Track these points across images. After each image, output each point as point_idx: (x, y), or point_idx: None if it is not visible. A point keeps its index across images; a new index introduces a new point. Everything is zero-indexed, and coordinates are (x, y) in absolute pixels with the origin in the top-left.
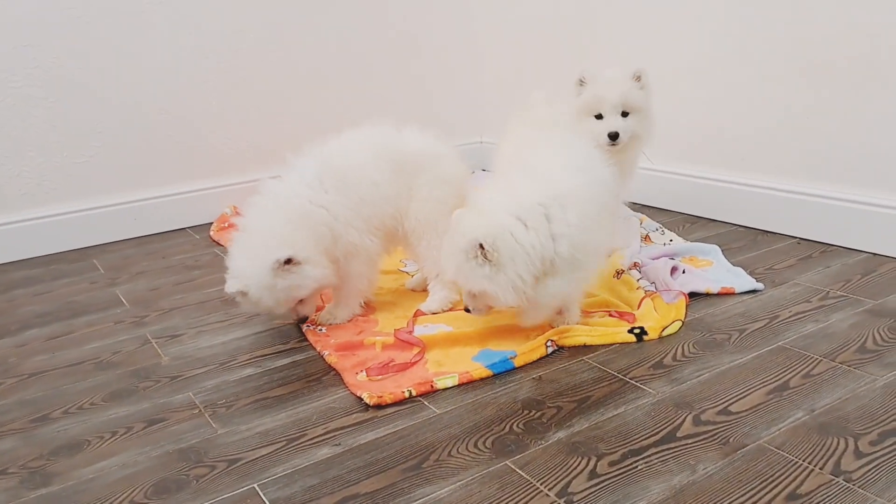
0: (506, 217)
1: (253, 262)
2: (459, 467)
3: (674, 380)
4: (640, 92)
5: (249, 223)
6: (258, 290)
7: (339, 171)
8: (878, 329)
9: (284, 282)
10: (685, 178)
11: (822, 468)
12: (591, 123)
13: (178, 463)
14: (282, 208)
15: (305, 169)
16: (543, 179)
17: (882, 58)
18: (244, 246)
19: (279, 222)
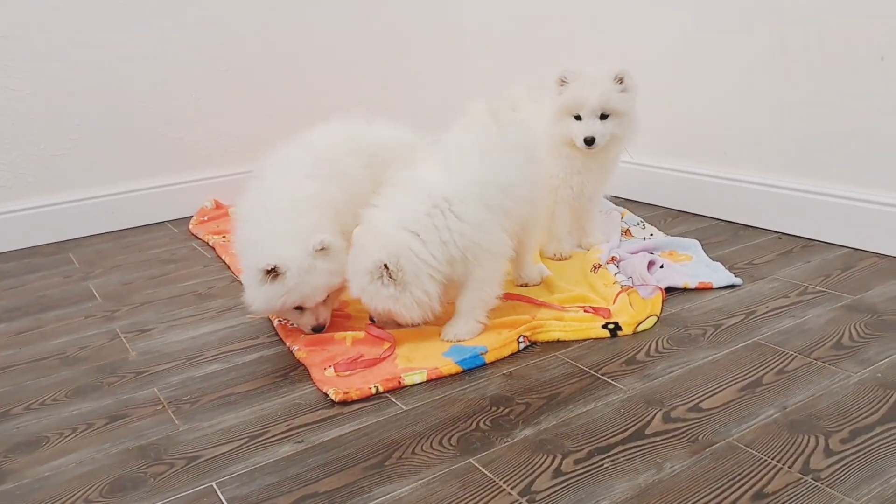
0: (402, 233)
1: (292, 244)
2: (422, 465)
3: (646, 376)
4: (620, 95)
5: (263, 211)
6: (297, 274)
7: (332, 164)
8: (856, 325)
9: (325, 264)
10: (667, 172)
11: (791, 467)
12: (570, 124)
13: (137, 460)
14: (298, 198)
15: (301, 161)
16: (425, 186)
17: (861, 52)
18: (267, 231)
19: (302, 210)
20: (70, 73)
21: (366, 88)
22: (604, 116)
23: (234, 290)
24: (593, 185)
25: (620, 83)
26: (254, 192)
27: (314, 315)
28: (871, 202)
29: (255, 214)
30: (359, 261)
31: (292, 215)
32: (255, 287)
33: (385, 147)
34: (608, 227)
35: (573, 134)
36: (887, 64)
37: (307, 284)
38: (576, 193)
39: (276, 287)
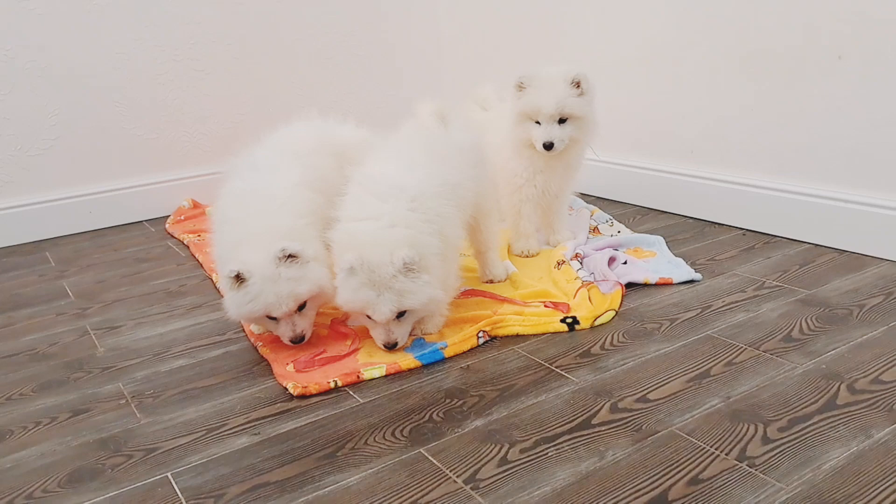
0: (397, 230)
1: (258, 250)
2: (373, 455)
3: (598, 368)
4: (577, 99)
5: (239, 215)
6: (260, 282)
7: (306, 165)
8: (807, 318)
9: (288, 272)
10: (637, 171)
11: (728, 454)
12: (530, 128)
13: (97, 452)
14: (283, 201)
15: (275, 163)
16: (395, 185)
17: (820, 52)
18: (240, 236)
19: (284, 215)
20: (46, 73)
21: (338, 88)
22: (562, 120)
23: (204, 288)
24: (557, 184)
25: (577, 87)
26: (229, 194)
27: (290, 325)
28: (831, 199)
29: (229, 218)
30: (375, 272)
31: (265, 219)
32: (227, 293)
33: (353, 147)
34: (577, 224)
35: (533, 138)
36: (844, 63)
37: (270, 293)
38: (540, 192)
39: (241, 294)
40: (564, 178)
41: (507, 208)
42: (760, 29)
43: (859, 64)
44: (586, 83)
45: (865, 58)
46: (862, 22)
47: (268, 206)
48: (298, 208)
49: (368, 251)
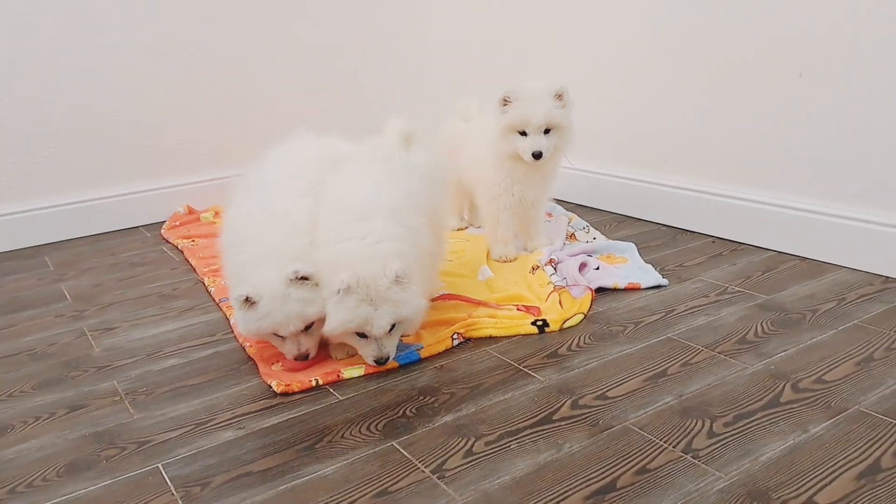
0: (383, 244)
1: (269, 271)
2: (349, 448)
3: (563, 368)
4: (561, 111)
5: (249, 235)
6: (270, 302)
7: (316, 182)
8: (763, 322)
9: (299, 293)
10: (614, 179)
11: (676, 446)
12: (516, 140)
13: (92, 445)
14: (291, 219)
15: (287, 180)
16: (368, 203)
17: (783, 69)
18: (251, 256)
19: (294, 234)
20: (46, 83)
21: (330, 99)
22: (547, 131)
23: (196, 292)
24: (534, 193)
25: (560, 99)
26: (237, 214)
27: (296, 343)
28: (794, 208)
29: (239, 239)
30: (375, 285)
31: (278, 238)
32: (237, 310)
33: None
34: (554, 231)
35: (520, 149)
36: (805, 80)
37: (279, 313)
38: (517, 200)
39: (250, 313)
40: (541, 187)
41: (485, 215)
42: (728, 48)
43: (819, 82)
44: (567, 96)
45: (824, 76)
46: (820, 43)
47: (277, 225)
48: (306, 226)
49: (362, 268)
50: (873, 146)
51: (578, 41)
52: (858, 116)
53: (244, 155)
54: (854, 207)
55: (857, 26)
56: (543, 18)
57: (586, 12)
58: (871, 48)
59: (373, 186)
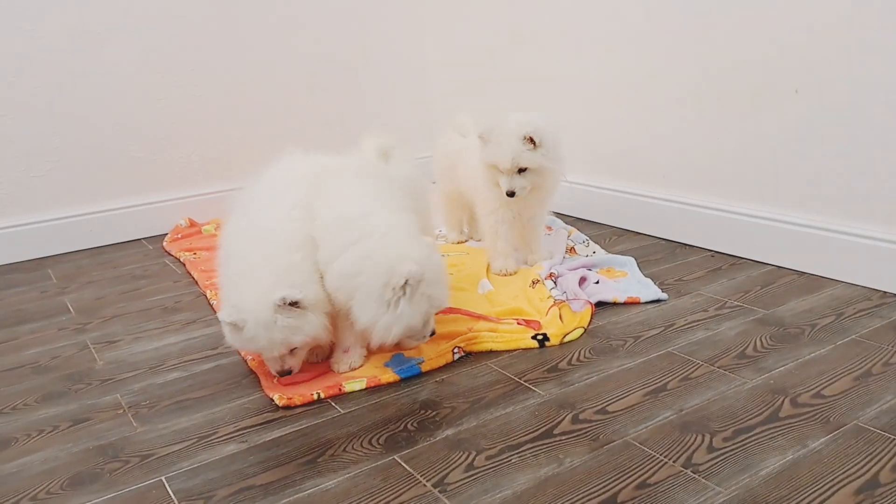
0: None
1: (256, 295)
2: (351, 462)
3: (564, 382)
4: (531, 154)
5: (240, 250)
6: (254, 327)
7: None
8: (762, 337)
9: (286, 320)
10: (613, 193)
11: (676, 461)
12: (496, 174)
13: (96, 458)
14: (280, 240)
15: (284, 200)
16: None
17: (779, 84)
18: (240, 271)
19: (282, 254)
20: (48, 97)
21: (328, 113)
22: (522, 169)
23: (199, 305)
24: (532, 210)
25: (530, 143)
26: (230, 231)
27: (279, 361)
28: (792, 223)
29: (231, 254)
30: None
31: (262, 254)
32: (224, 329)
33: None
34: (554, 244)
35: (500, 183)
36: (801, 96)
37: (263, 338)
38: (514, 215)
39: (236, 335)
40: (538, 204)
41: (485, 229)
42: (726, 64)
43: (816, 97)
44: (541, 137)
45: (821, 91)
46: (816, 59)
47: (262, 240)
48: (294, 243)
49: (416, 254)
50: (871, 161)
51: (576, 56)
52: (856, 131)
53: (245, 168)
54: (852, 222)
55: (853, 41)
56: (542, 35)
57: (584, 27)
58: (867, 63)
59: (359, 199)
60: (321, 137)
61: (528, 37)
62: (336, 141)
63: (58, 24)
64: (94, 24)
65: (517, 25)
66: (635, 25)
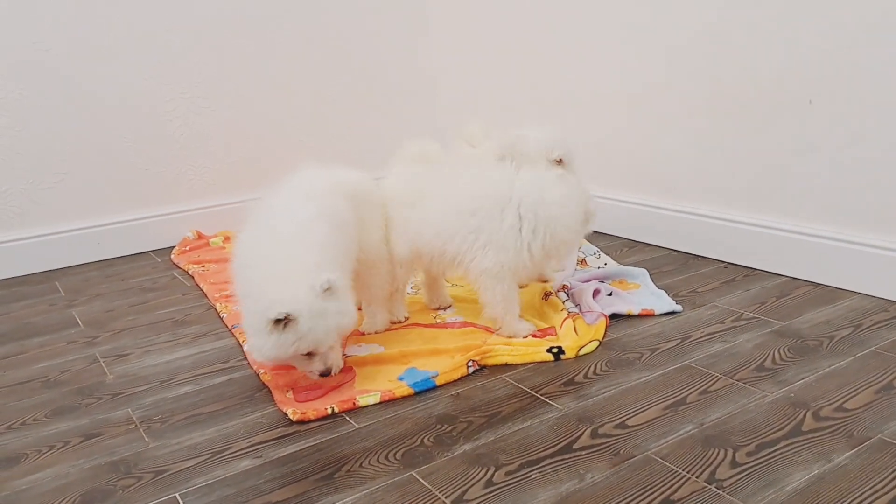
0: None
1: (299, 287)
2: (368, 477)
3: (581, 396)
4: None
5: (262, 255)
6: (309, 318)
7: (331, 210)
8: (780, 349)
9: (335, 305)
10: (625, 205)
11: (699, 477)
12: None
13: (108, 474)
14: (302, 241)
15: (301, 207)
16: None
17: (792, 96)
18: (271, 276)
19: (306, 253)
20: (57, 110)
21: (336, 124)
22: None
23: (209, 318)
24: None
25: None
26: (247, 241)
27: (322, 360)
28: (805, 234)
29: (251, 262)
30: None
31: (296, 258)
32: (263, 336)
33: (364, 190)
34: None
35: None
36: (815, 106)
37: (320, 328)
38: None
39: (287, 335)
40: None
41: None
42: (738, 74)
43: (829, 107)
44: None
45: (835, 102)
46: (829, 70)
47: (286, 244)
48: (319, 241)
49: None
50: (886, 172)
51: (587, 66)
52: (871, 142)
53: (252, 180)
54: (867, 233)
55: (867, 52)
56: (551, 45)
57: (595, 38)
58: (882, 73)
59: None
60: (330, 150)
61: (538, 47)
62: (341, 153)
63: (67, 38)
64: (103, 37)
65: (526, 36)
66: (647, 36)
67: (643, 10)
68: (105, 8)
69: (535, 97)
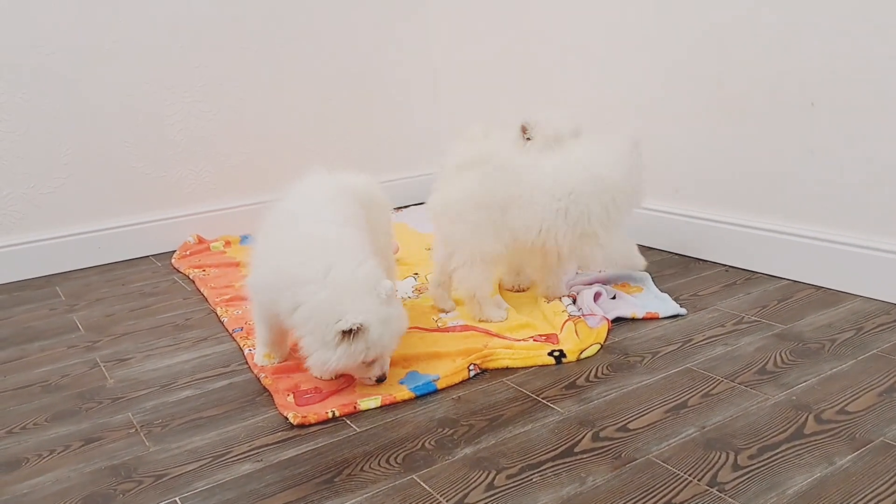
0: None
1: (362, 297)
2: (369, 481)
3: (582, 399)
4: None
5: (320, 265)
6: (379, 326)
7: (348, 214)
8: (782, 352)
9: (396, 310)
10: None
11: (701, 480)
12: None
13: (109, 478)
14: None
15: (326, 212)
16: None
17: (793, 99)
18: (335, 286)
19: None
20: (58, 114)
21: (338, 128)
22: None
23: (209, 322)
24: None
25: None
26: (292, 250)
27: (381, 365)
28: (807, 237)
29: (306, 271)
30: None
31: (350, 267)
32: (330, 349)
33: (371, 195)
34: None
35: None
36: (817, 109)
37: (386, 334)
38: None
39: (357, 344)
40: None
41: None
42: (738, 78)
43: (831, 110)
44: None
45: (836, 105)
46: (831, 73)
47: (337, 250)
48: (360, 247)
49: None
50: (888, 174)
51: (588, 70)
52: (872, 144)
53: (253, 184)
54: (870, 236)
55: (869, 53)
56: (551, 49)
57: (595, 42)
58: (884, 75)
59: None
60: (331, 153)
61: (538, 51)
62: (345, 156)
63: (67, 41)
64: (103, 40)
65: (526, 40)
66: (648, 38)
67: (645, 14)
68: (105, 12)
69: (533, 101)
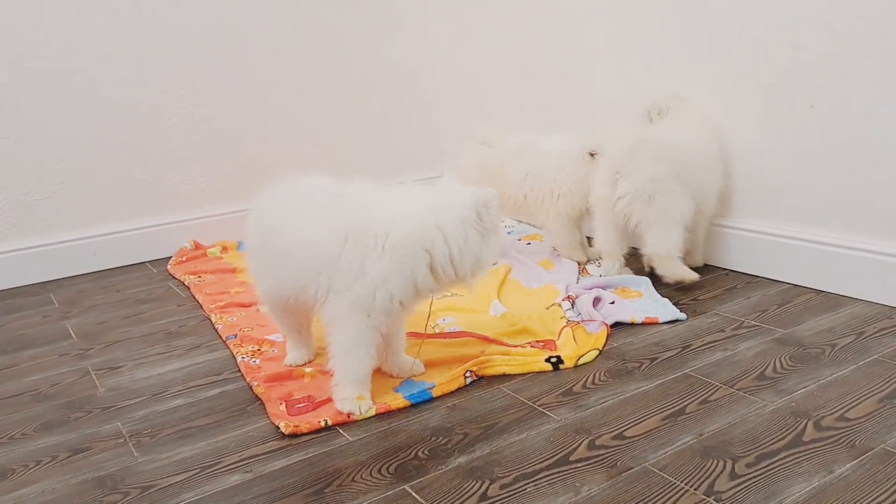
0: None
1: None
2: (360, 492)
3: (579, 406)
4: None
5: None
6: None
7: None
8: (781, 357)
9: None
10: None
11: (697, 489)
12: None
13: (95, 490)
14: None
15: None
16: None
17: (793, 101)
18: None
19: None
20: (54, 119)
21: (336, 134)
22: None
23: (203, 329)
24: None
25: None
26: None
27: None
28: (807, 241)
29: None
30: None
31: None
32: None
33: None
34: (564, 266)
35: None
36: (817, 110)
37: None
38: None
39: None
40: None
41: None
42: (737, 80)
43: (831, 112)
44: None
45: (836, 107)
46: (831, 74)
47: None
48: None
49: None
50: (888, 177)
51: (587, 74)
52: (872, 147)
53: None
54: (870, 239)
55: (869, 55)
56: (550, 56)
57: (594, 46)
58: (884, 78)
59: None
60: (329, 159)
61: (537, 57)
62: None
63: (62, 46)
64: (99, 45)
65: (525, 46)
66: (647, 41)
67: (645, 16)
68: (102, 17)
69: (536, 106)
